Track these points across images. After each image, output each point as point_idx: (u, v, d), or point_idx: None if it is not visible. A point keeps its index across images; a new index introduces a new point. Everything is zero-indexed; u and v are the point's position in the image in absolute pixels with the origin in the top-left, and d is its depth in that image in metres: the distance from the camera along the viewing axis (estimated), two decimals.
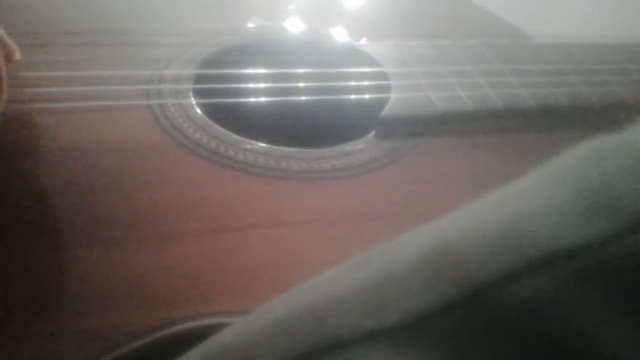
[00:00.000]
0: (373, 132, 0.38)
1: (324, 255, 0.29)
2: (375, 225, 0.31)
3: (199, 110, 0.37)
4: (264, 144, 0.35)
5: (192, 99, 0.38)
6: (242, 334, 0.17)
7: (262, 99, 0.39)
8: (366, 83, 0.42)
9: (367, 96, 0.41)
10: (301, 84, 0.40)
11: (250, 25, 0.48)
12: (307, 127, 0.42)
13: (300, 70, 0.41)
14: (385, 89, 0.41)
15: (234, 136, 0.36)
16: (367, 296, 0.16)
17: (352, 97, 0.41)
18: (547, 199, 0.15)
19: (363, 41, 0.47)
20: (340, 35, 0.48)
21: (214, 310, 0.26)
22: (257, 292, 0.27)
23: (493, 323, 0.14)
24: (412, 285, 0.15)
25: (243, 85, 0.39)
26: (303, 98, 0.40)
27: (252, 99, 0.39)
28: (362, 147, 0.37)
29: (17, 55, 0.33)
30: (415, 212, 0.32)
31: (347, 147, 0.37)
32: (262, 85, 0.40)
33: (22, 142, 0.33)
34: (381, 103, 0.39)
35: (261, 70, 0.41)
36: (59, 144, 0.33)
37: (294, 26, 0.49)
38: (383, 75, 0.42)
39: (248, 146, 0.35)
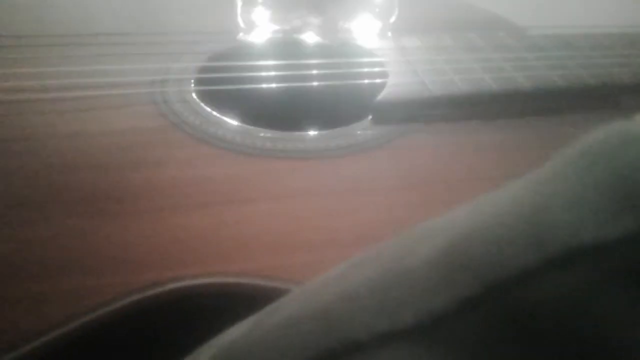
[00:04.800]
0: (370, 117, 0.39)
1: (310, 224, 0.30)
2: (364, 199, 0.32)
3: (198, 99, 0.39)
4: (260, 128, 0.37)
5: (193, 86, 0.40)
6: (251, 335, 0.17)
7: (261, 86, 0.41)
8: (364, 71, 0.43)
9: (364, 82, 0.42)
10: (300, 73, 0.42)
11: (258, 24, 0.50)
12: (306, 114, 0.43)
13: (300, 61, 0.43)
14: (382, 76, 0.42)
15: (232, 121, 0.37)
16: (381, 295, 0.15)
17: (351, 83, 0.42)
18: (569, 191, 0.14)
19: (360, 34, 0.48)
20: (338, 30, 0.50)
21: (204, 271, 0.27)
22: (246, 256, 0.28)
23: (512, 323, 0.13)
24: (428, 285, 0.14)
25: (244, 74, 0.41)
26: (302, 84, 0.41)
27: (249, 86, 0.41)
28: (358, 131, 0.38)
29: None
30: (408, 188, 0.33)
31: (343, 130, 0.38)
32: (262, 74, 0.41)
33: (34, 127, 0.35)
34: (378, 89, 0.41)
35: (261, 62, 0.43)
36: (66, 128, 0.35)
37: (298, 26, 0.51)
38: (379, 64, 0.43)
39: (245, 130, 0.36)
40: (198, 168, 0.33)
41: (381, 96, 0.40)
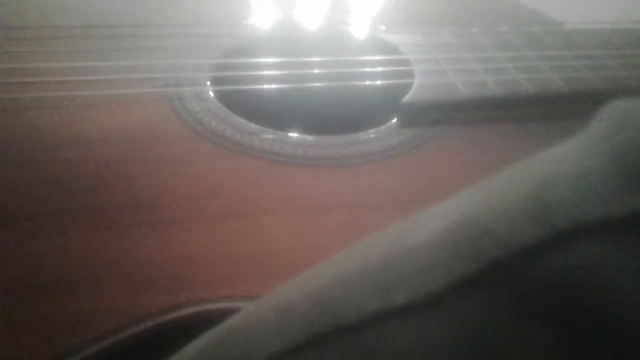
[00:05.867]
0: (395, 119, 0.37)
1: (337, 241, 0.27)
2: (391, 211, 0.30)
3: (215, 99, 0.37)
4: (279, 132, 0.35)
5: (209, 86, 0.38)
6: (249, 318, 0.17)
7: (280, 86, 0.38)
8: (389, 69, 0.40)
9: (389, 82, 0.40)
10: (321, 71, 0.39)
11: (274, 16, 0.48)
12: (328, 115, 0.41)
13: (321, 59, 0.40)
14: (408, 75, 0.39)
15: (249, 124, 0.35)
16: (376, 276, 0.15)
17: (375, 83, 0.40)
18: (575, 168, 0.14)
19: (385, 29, 0.46)
20: (363, 24, 0.47)
21: (222, 294, 0.25)
22: (268, 277, 0.26)
23: (517, 301, 0.13)
24: (427, 264, 0.14)
25: (261, 73, 0.39)
26: (323, 84, 0.39)
27: (268, 86, 0.38)
28: (382, 135, 0.35)
29: None
30: (436, 199, 0.31)
31: (367, 134, 0.35)
32: (280, 72, 0.39)
33: (41, 128, 0.33)
34: (404, 90, 0.38)
35: (279, 59, 0.40)
36: (72, 129, 0.33)
37: (316, 17, 0.48)
38: (406, 62, 0.41)
39: (263, 134, 0.34)
40: (213, 175, 0.31)
41: (408, 97, 0.37)
